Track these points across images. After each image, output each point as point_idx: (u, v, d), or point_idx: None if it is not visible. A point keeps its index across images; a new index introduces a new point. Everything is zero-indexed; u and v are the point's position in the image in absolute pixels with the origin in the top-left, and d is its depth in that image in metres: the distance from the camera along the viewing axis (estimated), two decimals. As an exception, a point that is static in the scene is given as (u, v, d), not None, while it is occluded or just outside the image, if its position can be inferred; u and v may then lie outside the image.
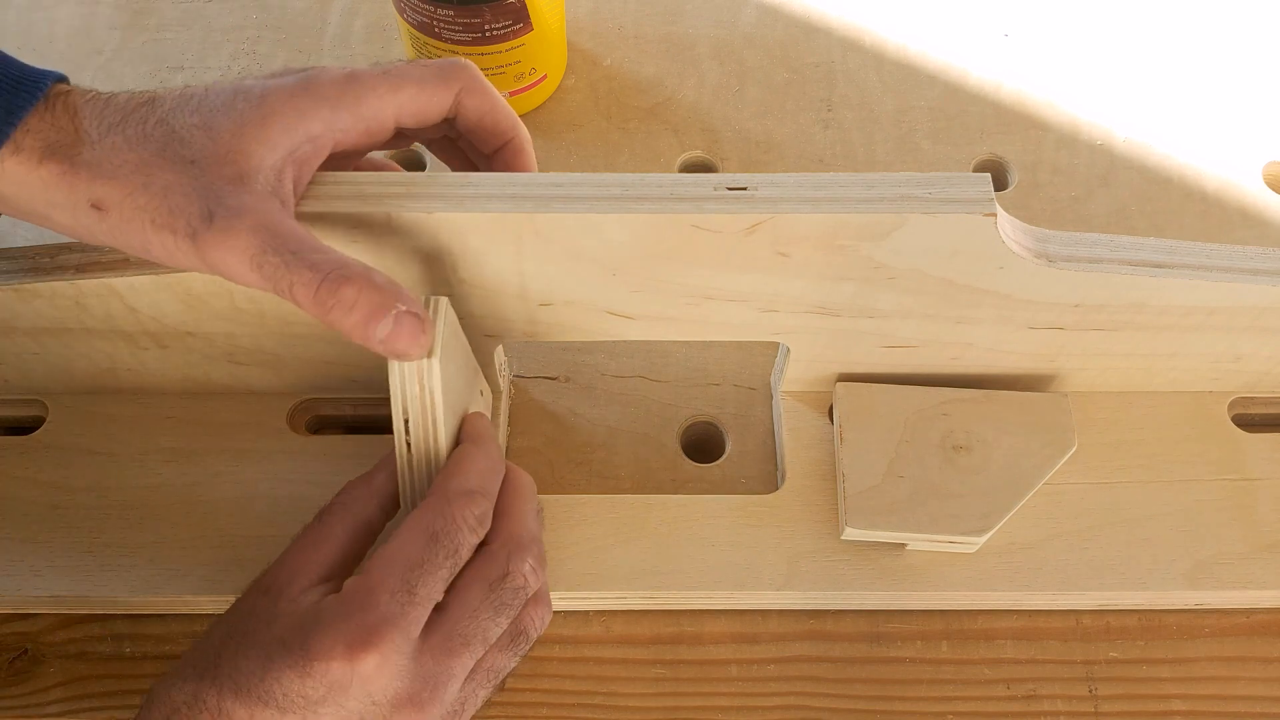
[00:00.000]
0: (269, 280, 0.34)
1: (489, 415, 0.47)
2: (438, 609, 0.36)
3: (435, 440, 0.38)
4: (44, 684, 0.45)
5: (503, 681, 0.39)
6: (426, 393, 0.37)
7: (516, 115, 0.41)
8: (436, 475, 0.38)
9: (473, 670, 0.37)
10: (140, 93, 0.37)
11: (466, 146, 0.42)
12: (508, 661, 0.38)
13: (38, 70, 0.36)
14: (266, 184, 0.35)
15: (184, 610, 0.46)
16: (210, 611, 0.46)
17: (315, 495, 0.41)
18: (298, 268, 0.33)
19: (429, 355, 0.36)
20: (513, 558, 0.38)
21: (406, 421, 0.38)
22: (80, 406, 0.49)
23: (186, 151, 0.35)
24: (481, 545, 0.38)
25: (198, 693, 0.34)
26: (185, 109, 0.36)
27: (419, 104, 0.38)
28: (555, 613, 0.46)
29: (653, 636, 0.46)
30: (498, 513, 0.39)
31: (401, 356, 0.35)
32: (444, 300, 0.37)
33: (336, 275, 0.33)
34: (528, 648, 0.39)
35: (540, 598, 0.40)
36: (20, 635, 0.46)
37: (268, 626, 0.35)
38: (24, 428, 0.49)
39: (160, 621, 0.46)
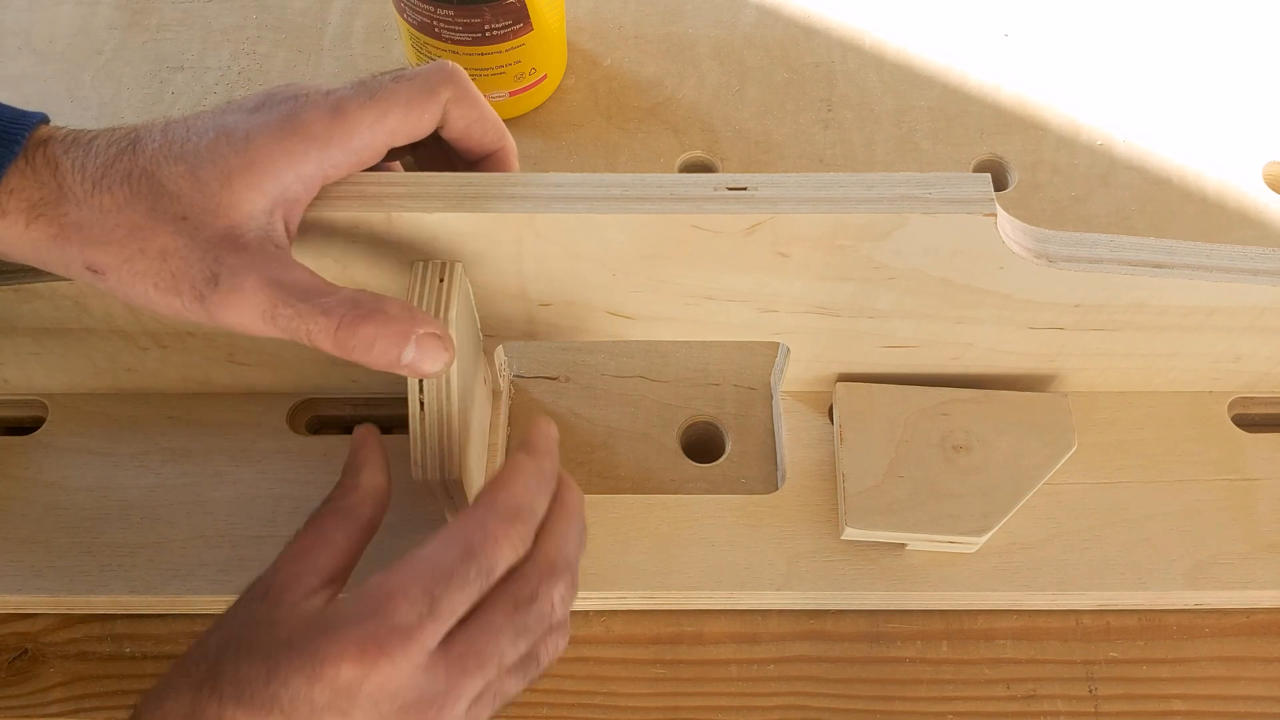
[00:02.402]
0: (284, 331, 0.34)
1: (488, 410, 0.47)
2: (459, 621, 0.34)
3: (448, 400, 0.38)
4: (44, 684, 0.45)
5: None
6: None
7: (503, 123, 0.40)
8: (484, 486, 0.36)
9: (480, 691, 0.35)
10: (121, 132, 0.35)
11: (450, 151, 0.41)
12: (516, 685, 0.37)
13: (13, 115, 0.35)
14: (259, 230, 0.35)
15: (184, 610, 0.46)
16: (210, 611, 0.46)
17: (315, 495, 0.41)
18: (311, 316, 0.34)
19: (444, 312, 0.38)
20: (544, 581, 0.36)
21: (421, 380, 0.38)
22: (80, 406, 0.49)
23: (176, 207, 0.34)
24: None
25: (196, 703, 0.32)
26: (169, 155, 0.35)
27: (409, 125, 0.37)
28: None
29: (653, 636, 0.46)
30: (539, 530, 0.37)
31: (428, 375, 0.36)
32: (458, 265, 0.39)
33: (352, 317, 0.34)
34: (539, 674, 0.37)
35: (561, 625, 0.37)
36: (20, 635, 0.46)
37: (270, 630, 0.34)
38: (24, 428, 0.49)
39: (160, 621, 0.46)
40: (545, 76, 0.59)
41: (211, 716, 0.32)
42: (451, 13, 0.53)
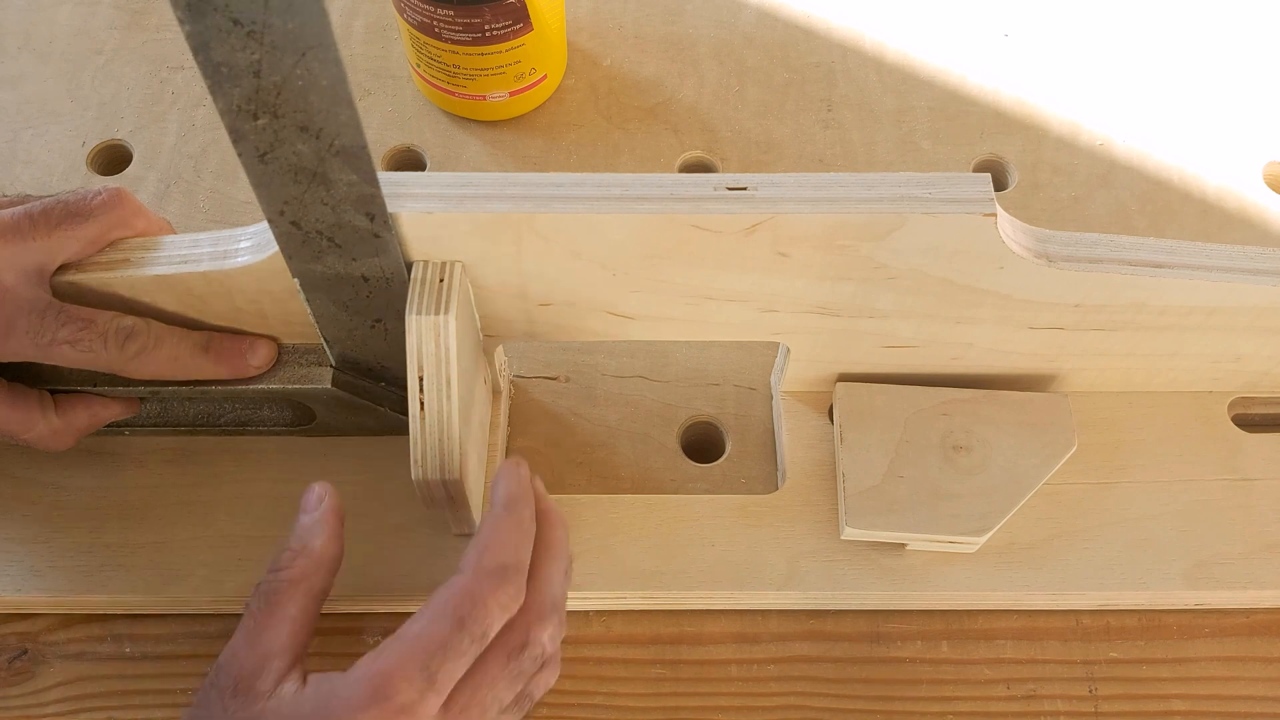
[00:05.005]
0: None
1: (488, 410, 0.47)
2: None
3: (448, 400, 0.39)
4: (44, 684, 0.45)
5: None
6: (442, 349, 0.38)
7: None
8: (468, 548, 0.36)
9: None
10: None
11: None
12: None
13: None
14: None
15: (184, 610, 0.46)
16: (210, 612, 0.46)
17: (315, 495, 0.41)
18: None
19: (444, 312, 0.38)
20: (533, 626, 0.36)
21: (421, 379, 0.38)
22: (80, 406, 0.49)
23: None
24: None
25: None
26: None
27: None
28: (555, 613, 0.46)
29: (653, 636, 0.46)
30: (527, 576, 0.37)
31: None
32: (458, 265, 0.39)
33: None
34: (531, 706, 0.38)
35: (552, 659, 0.38)
36: (20, 635, 0.46)
37: None
38: (24, 428, 0.49)
39: (160, 621, 0.46)
40: (545, 76, 0.59)
41: None
42: (451, 13, 0.53)
